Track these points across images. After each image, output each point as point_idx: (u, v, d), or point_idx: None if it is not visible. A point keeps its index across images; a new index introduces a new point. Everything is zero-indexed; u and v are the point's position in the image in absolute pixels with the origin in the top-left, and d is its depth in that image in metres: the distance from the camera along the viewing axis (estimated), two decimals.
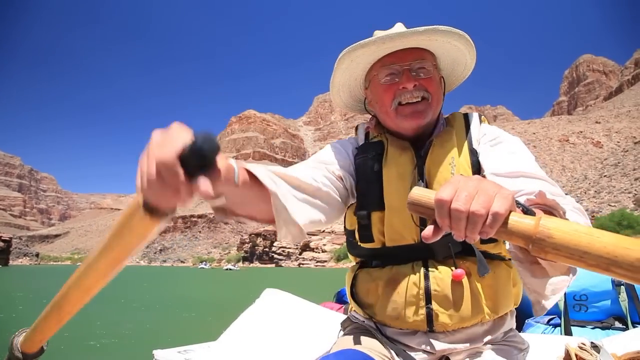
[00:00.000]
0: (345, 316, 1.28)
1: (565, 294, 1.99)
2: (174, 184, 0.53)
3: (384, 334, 1.10)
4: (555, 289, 0.82)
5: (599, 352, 1.12)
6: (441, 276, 1.03)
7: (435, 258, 1.05)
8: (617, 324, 1.88)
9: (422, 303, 1.03)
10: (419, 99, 1.11)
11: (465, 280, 1.02)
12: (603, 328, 1.89)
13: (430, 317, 1.02)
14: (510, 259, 1.09)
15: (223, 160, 0.60)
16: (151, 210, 0.59)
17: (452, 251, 1.04)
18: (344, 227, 1.22)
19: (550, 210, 0.76)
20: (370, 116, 1.30)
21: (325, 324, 1.72)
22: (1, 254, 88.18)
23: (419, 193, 0.61)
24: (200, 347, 1.67)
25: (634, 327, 1.84)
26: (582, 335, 1.81)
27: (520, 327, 2.07)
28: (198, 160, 0.53)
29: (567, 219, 0.74)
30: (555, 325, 1.97)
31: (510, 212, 0.57)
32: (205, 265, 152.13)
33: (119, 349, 7.35)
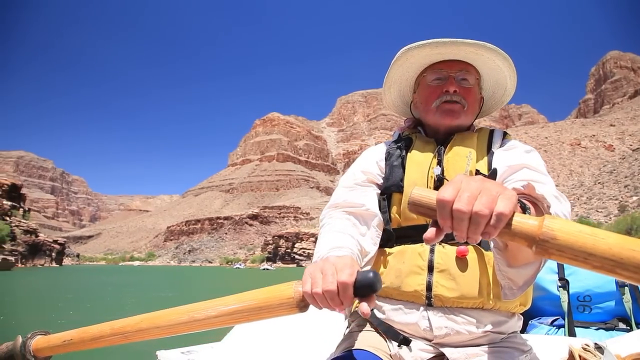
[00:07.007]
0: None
1: (569, 294, 1.98)
2: (345, 300, 0.73)
3: (385, 319, 1.13)
4: (527, 279, 0.87)
5: (602, 353, 1.12)
6: (446, 252, 1.09)
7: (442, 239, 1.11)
8: (621, 325, 1.85)
9: (424, 273, 1.08)
10: (457, 102, 1.24)
11: (471, 259, 1.07)
12: (607, 329, 1.86)
13: (430, 287, 1.06)
14: None
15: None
16: (301, 306, 0.77)
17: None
18: None
19: (535, 201, 0.79)
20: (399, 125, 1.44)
21: (329, 324, 1.73)
22: (58, 255, 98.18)
23: (420, 193, 0.59)
24: (203, 347, 1.70)
25: (637, 328, 1.81)
26: (585, 336, 1.79)
27: (523, 328, 2.07)
28: (367, 290, 0.71)
29: (550, 213, 0.77)
30: (559, 326, 1.95)
31: (514, 212, 0.56)
32: (241, 265, 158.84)
33: (122, 349, 7.52)
